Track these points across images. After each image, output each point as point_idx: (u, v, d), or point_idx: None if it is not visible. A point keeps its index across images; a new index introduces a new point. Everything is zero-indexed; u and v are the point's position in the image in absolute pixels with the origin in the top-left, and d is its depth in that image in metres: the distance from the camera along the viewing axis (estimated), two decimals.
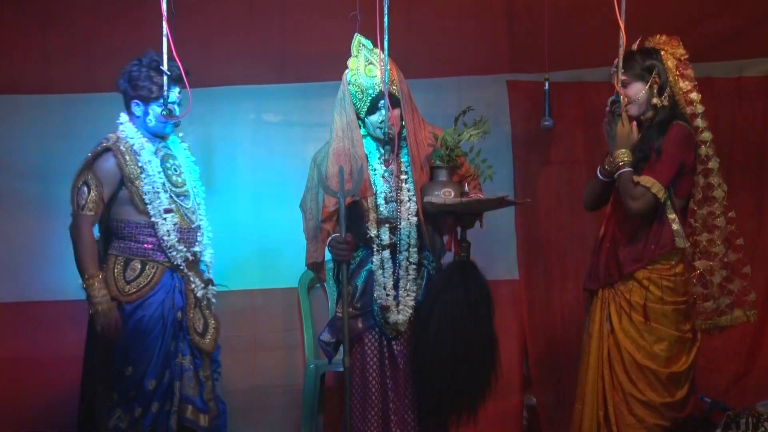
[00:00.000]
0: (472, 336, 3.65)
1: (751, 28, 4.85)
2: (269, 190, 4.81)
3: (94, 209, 3.68)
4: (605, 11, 3.48)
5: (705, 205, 3.65)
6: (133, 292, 3.71)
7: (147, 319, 3.71)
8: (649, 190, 3.58)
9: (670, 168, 3.62)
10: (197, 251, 3.84)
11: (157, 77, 3.68)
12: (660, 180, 3.59)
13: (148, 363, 3.70)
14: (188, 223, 3.82)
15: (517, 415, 4.89)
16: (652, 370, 3.65)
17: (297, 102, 4.92)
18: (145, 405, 3.70)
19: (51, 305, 4.73)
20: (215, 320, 3.90)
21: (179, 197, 3.81)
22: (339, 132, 3.74)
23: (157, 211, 3.71)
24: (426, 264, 3.82)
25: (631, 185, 3.60)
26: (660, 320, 3.66)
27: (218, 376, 3.92)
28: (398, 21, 3.71)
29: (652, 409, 3.66)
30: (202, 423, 3.76)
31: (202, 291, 3.82)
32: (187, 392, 3.74)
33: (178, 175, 3.85)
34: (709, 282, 3.64)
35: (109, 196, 3.73)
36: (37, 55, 4.80)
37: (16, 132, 4.81)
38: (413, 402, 3.76)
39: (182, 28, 3.61)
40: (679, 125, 3.65)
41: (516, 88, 4.92)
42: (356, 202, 3.74)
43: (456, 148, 3.71)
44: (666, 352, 3.66)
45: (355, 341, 3.76)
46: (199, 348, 3.79)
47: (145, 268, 3.74)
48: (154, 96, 3.72)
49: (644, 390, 3.66)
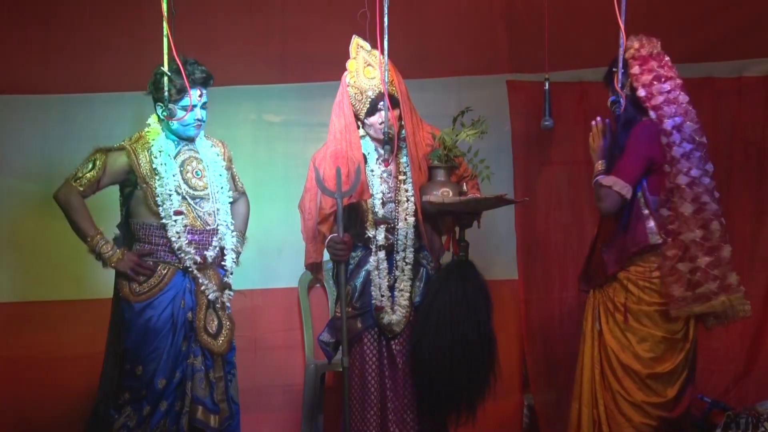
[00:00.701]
0: (470, 335, 3.65)
1: (751, 28, 4.85)
2: (269, 190, 4.81)
3: (85, 186, 3.72)
4: (605, 11, 3.47)
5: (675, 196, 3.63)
6: (144, 293, 3.74)
7: (156, 319, 3.72)
8: (611, 188, 3.60)
9: (634, 163, 3.63)
10: (211, 254, 3.83)
11: (177, 80, 3.67)
12: (623, 177, 3.61)
13: (159, 362, 3.71)
14: (202, 225, 3.81)
15: (517, 415, 4.89)
16: (635, 370, 3.67)
17: (297, 102, 4.93)
18: (154, 404, 3.72)
19: (51, 305, 4.74)
20: (230, 322, 3.89)
21: (195, 200, 3.80)
22: (337, 134, 3.74)
23: (167, 213, 3.73)
24: (425, 264, 3.83)
25: (598, 187, 3.64)
26: (642, 321, 3.69)
27: (232, 377, 3.92)
28: (398, 21, 3.71)
29: (637, 408, 3.68)
30: (212, 424, 3.77)
31: (214, 294, 3.81)
32: (198, 393, 3.75)
33: (200, 178, 3.84)
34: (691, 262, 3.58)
35: (105, 186, 3.77)
36: (37, 55, 4.80)
37: (16, 132, 4.81)
38: (412, 402, 3.76)
39: (182, 28, 3.61)
40: (643, 122, 3.67)
41: (516, 88, 4.92)
42: (356, 202, 3.74)
43: (454, 148, 3.72)
44: (649, 353, 3.67)
45: (354, 341, 3.76)
46: (209, 349, 3.78)
47: (157, 268, 3.76)
48: (173, 99, 3.73)
49: (630, 390, 3.68)
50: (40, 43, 4.80)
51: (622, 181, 3.60)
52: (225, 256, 3.90)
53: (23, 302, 4.77)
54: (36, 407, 4.65)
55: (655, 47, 3.73)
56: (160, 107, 3.78)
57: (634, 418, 3.68)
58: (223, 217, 3.89)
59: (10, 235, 4.78)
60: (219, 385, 3.83)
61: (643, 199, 3.67)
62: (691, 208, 3.60)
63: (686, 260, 3.58)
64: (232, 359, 3.94)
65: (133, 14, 4.66)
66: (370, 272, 3.76)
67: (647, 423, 3.67)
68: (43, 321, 4.74)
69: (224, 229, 3.88)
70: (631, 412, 3.68)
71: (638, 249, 3.66)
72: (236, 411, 3.91)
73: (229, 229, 3.90)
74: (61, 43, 4.79)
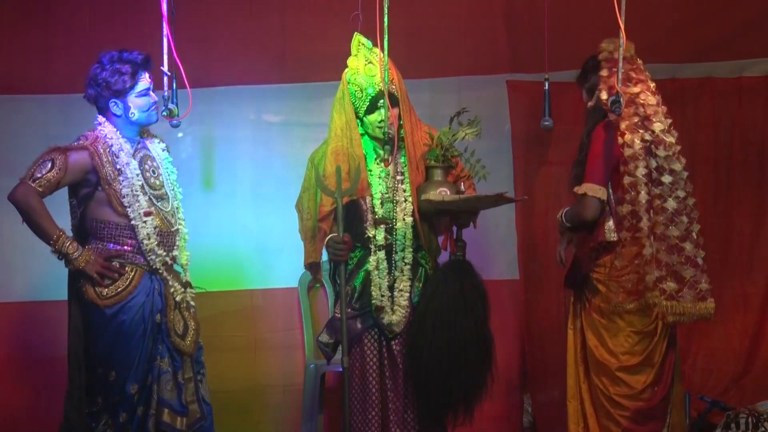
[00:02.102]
0: (466, 335, 3.65)
1: (751, 28, 4.85)
2: (269, 190, 4.81)
3: (44, 187, 3.60)
4: (605, 11, 3.47)
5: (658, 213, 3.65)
6: (112, 296, 3.65)
7: (128, 323, 3.66)
8: (586, 195, 3.66)
9: (597, 164, 3.68)
10: (176, 255, 3.79)
11: (125, 67, 3.63)
12: (591, 180, 3.66)
13: (130, 367, 3.65)
14: (168, 226, 3.75)
15: (517, 415, 4.89)
16: (608, 362, 3.74)
17: (297, 102, 4.92)
18: (130, 410, 3.66)
19: (51, 305, 4.73)
20: (195, 322, 3.83)
21: (158, 200, 3.74)
22: (338, 131, 3.74)
23: (137, 214, 3.65)
24: (423, 263, 3.82)
25: (577, 200, 3.70)
26: (612, 318, 3.74)
27: (202, 377, 3.86)
28: (398, 21, 3.71)
29: (613, 402, 3.74)
30: (178, 426, 3.70)
31: (180, 295, 3.76)
32: (164, 395, 3.69)
33: (156, 177, 3.78)
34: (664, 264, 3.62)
35: (64, 185, 3.66)
36: (37, 55, 4.80)
37: (16, 132, 4.80)
38: (413, 401, 3.76)
39: (182, 28, 3.61)
40: (601, 123, 3.71)
41: (516, 88, 4.93)
42: (354, 202, 3.74)
43: (451, 148, 3.71)
44: (620, 347, 3.73)
45: (354, 341, 3.76)
46: (179, 350, 3.73)
47: (125, 270, 3.68)
48: (129, 86, 3.66)
49: (606, 384, 3.75)
50: (40, 43, 4.80)
51: (594, 185, 3.66)
52: (179, 254, 3.83)
53: (23, 302, 4.77)
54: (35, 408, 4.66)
55: (629, 50, 3.73)
56: (114, 104, 3.69)
57: (613, 412, 3.74)
58: (181, 215, 3.85)
59: (10, 234, 4.78)
60: (188, 386, 3.77)
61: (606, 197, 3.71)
62: (673, 202, 3.64)
63: (640, 256, 3.62)
64: (201, 359, 3.88)
65: (133, 14, 4.65)
66: (370, 272, 3.75)
67: (623, 415, 3.73)
68: (43, 321, 4.74)
69: (183, 228, 3.84)
70: (609, 405, 3.75)
71: (595, 244, 3.72)
72: (208, 412, 3.84)
73: (184, 228, 3.85)
74: (61, 43, 4.79)
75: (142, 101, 3.69)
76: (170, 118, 3.72)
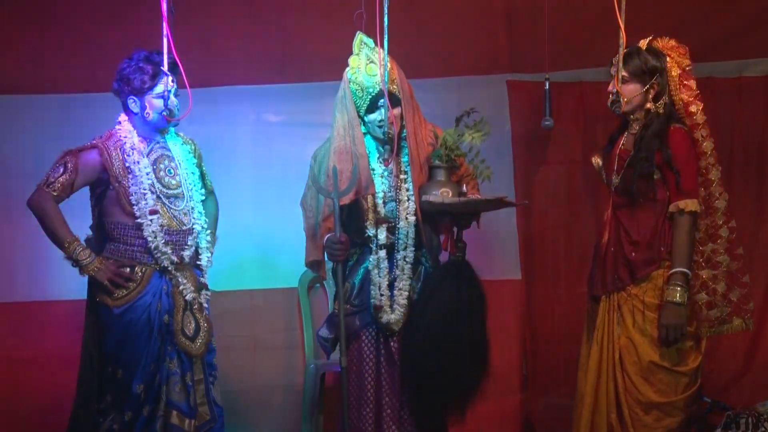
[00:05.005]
0: (462, 335, 3.64)
1: (751, 28, 4.85)
2: (269, 190, 4.81)
3: (58, 191, 3.65)
4: (605, 11, 3.47)
5: (708, 216, 3.69)
6: (123, 296, 3.68)
7: (136, 322, 3.68)
8: (691, 214, 3.60)
9: (694, 176, 3.65)
10: (187, 254, 3.79)
11: (148, 67, 3.66)
12: (691, 195, 3.61)
13: (137, 366, 3.67)
14: (178, 225, 3.77)
15: (517, 415, 4.89)
16: (666, 368, 3.67)
17: (297, 102, 4.92)
18: (136, 409, 3.67)
19: (51, 305, 4.73)
20: (208, 323, 3.84)
21: (169, 199, 3.76)
22: (340, 130, 3.73)
23: (142, 212, 3.67)
24: (423, 262, 3.82)
25: (688, 237, 3.61)
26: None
27: (214, 380, 3.88)
28: (398, 21, 3.71)
29: (660, 407, 3.67)
30: (187, 428, 3.71)
31: (192, 295, 3.77)
32: (172, 397, 3.71)
33: (172, 176, 3.80)
34: (712, 290, 3.68)
35: (79, 187, 3.71)
36: (35, 55, 4.80)
37: (15, 132, 4.81)
38: (409, 399, 3.75)
39: (182, 28, 3.61)
40: (679, 131, 3.67)
41: (516, 88, 4.92)
42: (356, 201, 3.74)
43: (456, 148, 3.71)
44: (677, 351, 3.68)
45: (352, 338, 3.76)
46: (187, 352, 3.74)
47: (134, 270, 3.71)
48: (147, 86, 3.69)
49: (659, 389, 3.67)
50: (38, 43, 4.80)
51: (689, 199, 3.61)
52: (200, 256, 3.85)
53: (23, 302, 4.77)
54: (35, 408, 4.66)
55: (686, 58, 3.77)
56: (132, 101, 3.73)
57: (665, 419, 3.68)
58: (198, 215, 3.86)
59: (10, 235, 4.78)
60: (198, 389, 3.79)
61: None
62: (726, 231, 3.70)
63: (719, 282, 3.68)
64: (212, 361, 3.89)
65: (133, 14, 4.65)
66: (370, 270, 3.75)
67: (675, 421, 3.68)
68: (42, 321, 4.75)
69: (199, 228, 3.84)
70: (659, 413, 3.68)
71: (669, 250, 3.64)
72: (219, 414, 3.86)
73: (204, 228, 3.86)
74: (60, 43, 4.79)
75: (158, 103, 3.71)
76: (170, 118, 3.74)
